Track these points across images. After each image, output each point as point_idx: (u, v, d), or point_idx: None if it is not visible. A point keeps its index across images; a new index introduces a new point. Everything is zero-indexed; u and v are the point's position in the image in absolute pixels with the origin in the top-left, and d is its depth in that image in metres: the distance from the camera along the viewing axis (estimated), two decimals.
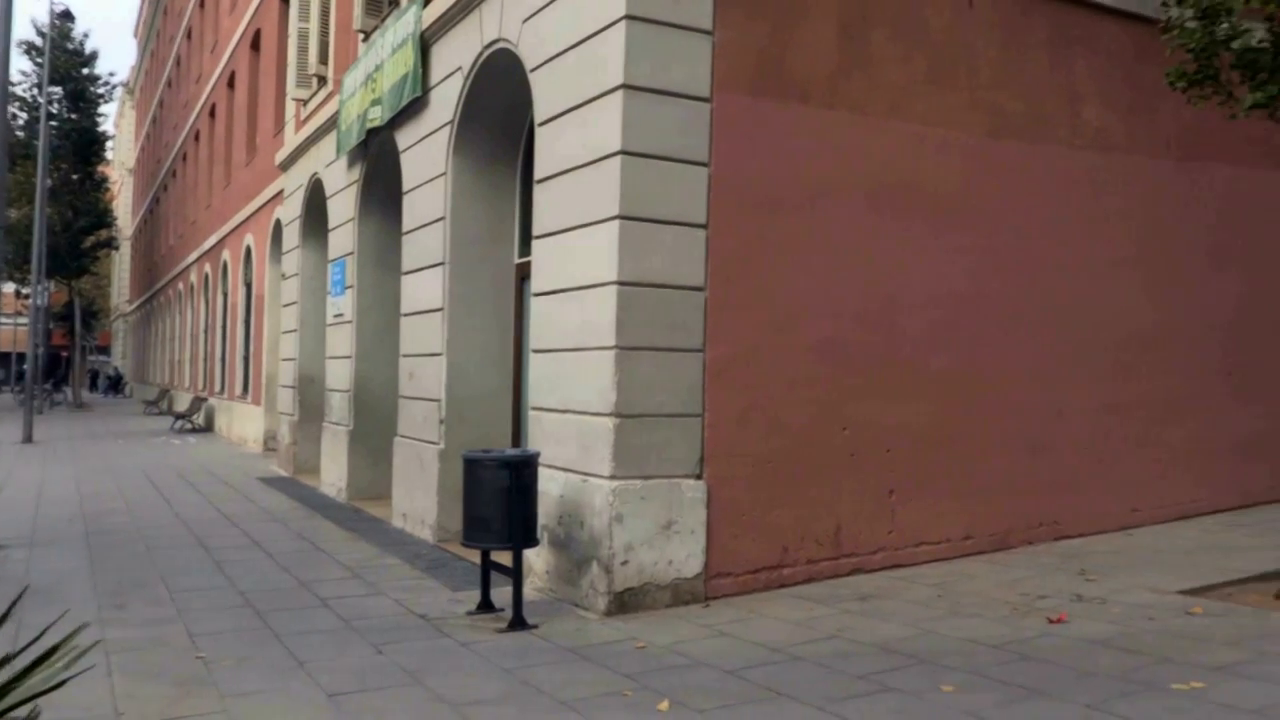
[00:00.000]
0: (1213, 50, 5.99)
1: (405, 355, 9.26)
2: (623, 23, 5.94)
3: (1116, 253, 7.81)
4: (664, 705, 4.20)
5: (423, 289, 8.86)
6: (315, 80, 13.10)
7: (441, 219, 8.48)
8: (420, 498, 8.59)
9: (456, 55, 8.27)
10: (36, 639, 2.45)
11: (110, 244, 38.90)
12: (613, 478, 5.84)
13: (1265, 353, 7.91)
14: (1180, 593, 5.88)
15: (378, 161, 10.55)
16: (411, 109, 9.18)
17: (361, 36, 10.87)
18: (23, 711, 2.05)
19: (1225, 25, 5.85)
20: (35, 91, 32.46)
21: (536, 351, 6.85)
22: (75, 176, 34.67)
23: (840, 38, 6.64)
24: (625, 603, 5.81)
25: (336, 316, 11.82)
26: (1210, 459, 8.20)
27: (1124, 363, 7.82)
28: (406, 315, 9.25)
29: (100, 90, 35.58)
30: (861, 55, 6.72)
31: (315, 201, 13.06)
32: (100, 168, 37.37)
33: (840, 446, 6.57)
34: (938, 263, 6.99)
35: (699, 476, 6.09)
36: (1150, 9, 7.04)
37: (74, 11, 28.13)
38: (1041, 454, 7.37)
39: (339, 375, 11.58)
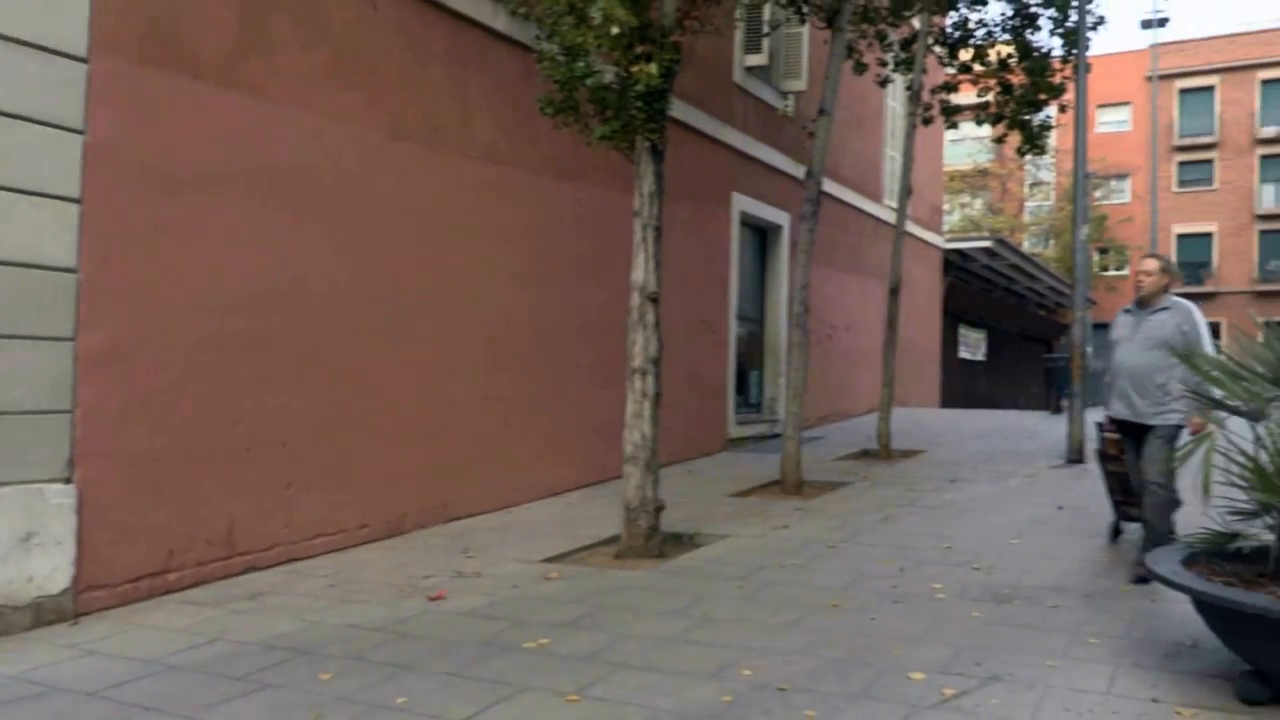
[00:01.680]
0: (573, 84, 6.91)
1: None
2: None
3: (501, 257, 8.63)
4: None
5: None
6: None
7: None
8: None
9: None
10: None
11: None
12: None
13: (616, 349, 9.26)
14: (542, 561, 6.75)
15: None
16: None
17: None
18: None
19: (582, 64, 6.78)
20: None
21: None
22: None
23: (239, 16, 6.44)
24: None
25: None
26: (576, 441, 9.44)
27: (506, 357, 8.68)
28: None
29: None
30: (261, 38, 6.59)
31: None
32: None
33: (234, 441, 6.42)
34: (336, 258, 7.13)
35: (68, 480, 5.53)
36: (531, 39, 7.87)
37: None
38: (433, 442, 7.90)
39: None
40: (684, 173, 11.02)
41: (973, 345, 27.97)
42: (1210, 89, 44.57)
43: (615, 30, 6.56)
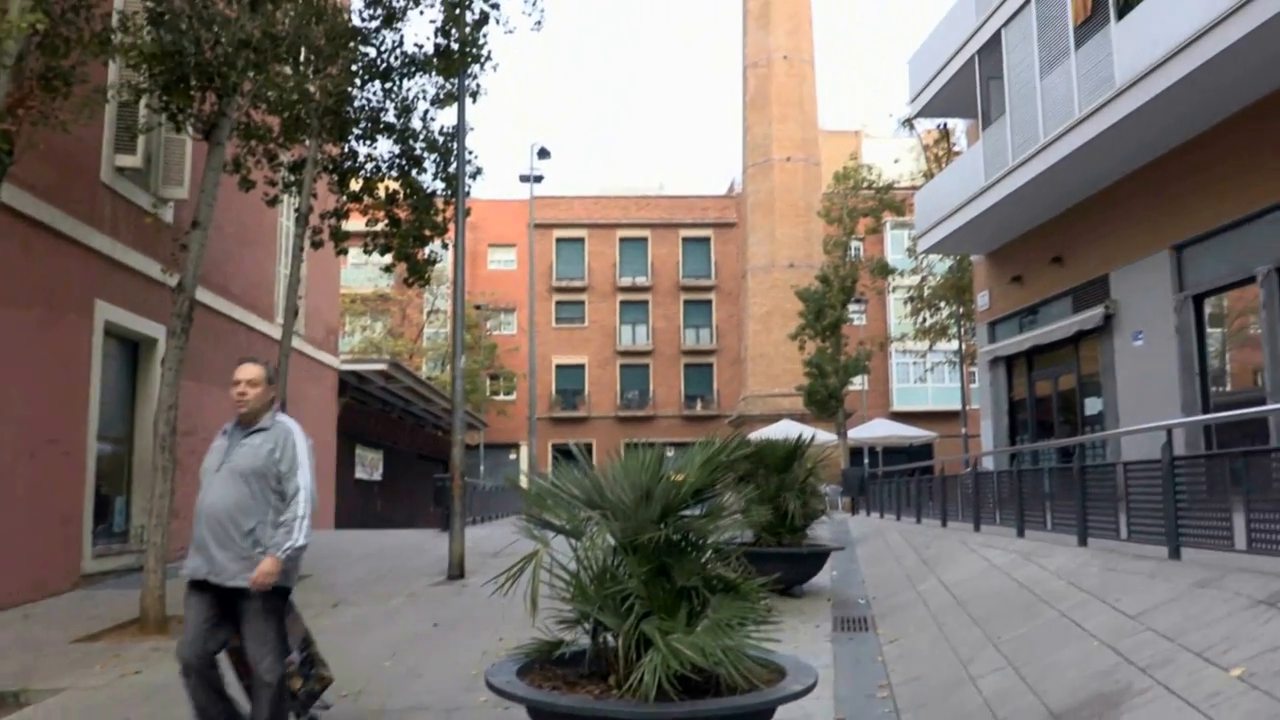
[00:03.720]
0: None
1: None
2: None
3: None
4: None
5: None
6: None
7: None
8: None
9: None
10: None
11: None
12: None
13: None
14: None
15: None
16: None
17: None
18: None
19: None
20: None
21: None
22: None
23: None
24: None
25: None
26: None
27: None
28: None
29: None
30: None
31: None
32: None
33: None
34: None
35: None
36: None
37: None
38: None
39: None
40: (35, 275, 9.77)
41: (369, 465, 28.25)
42: (581, 240, 51.60)
43: None
